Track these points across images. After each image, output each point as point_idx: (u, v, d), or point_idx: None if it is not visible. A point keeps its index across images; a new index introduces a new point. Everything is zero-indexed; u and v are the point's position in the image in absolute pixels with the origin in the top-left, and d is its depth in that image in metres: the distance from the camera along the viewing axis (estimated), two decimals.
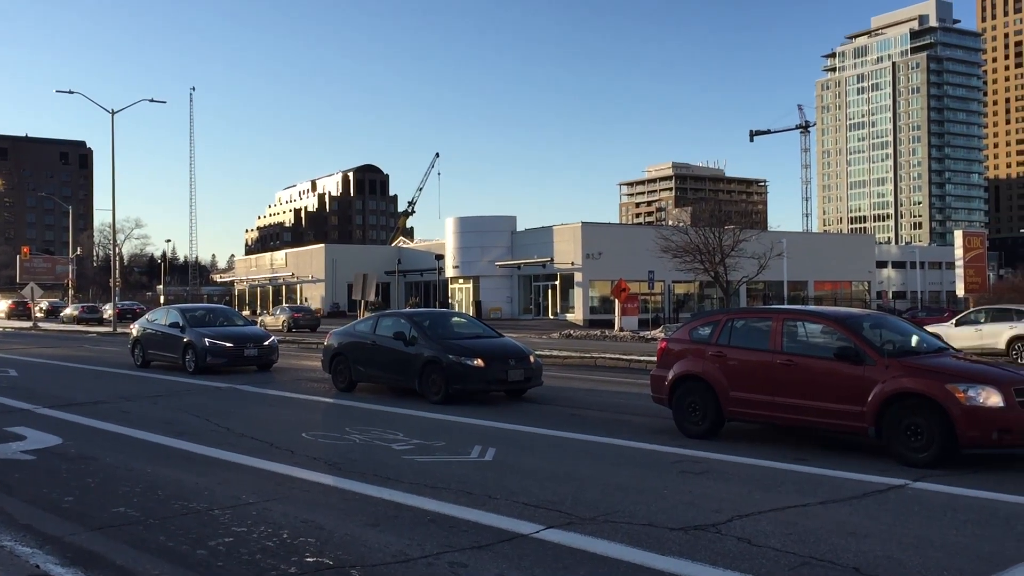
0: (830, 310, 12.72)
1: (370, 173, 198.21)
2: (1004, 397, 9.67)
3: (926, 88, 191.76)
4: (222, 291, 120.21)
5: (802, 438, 11.96)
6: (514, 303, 70.31)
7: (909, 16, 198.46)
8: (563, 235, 65.89)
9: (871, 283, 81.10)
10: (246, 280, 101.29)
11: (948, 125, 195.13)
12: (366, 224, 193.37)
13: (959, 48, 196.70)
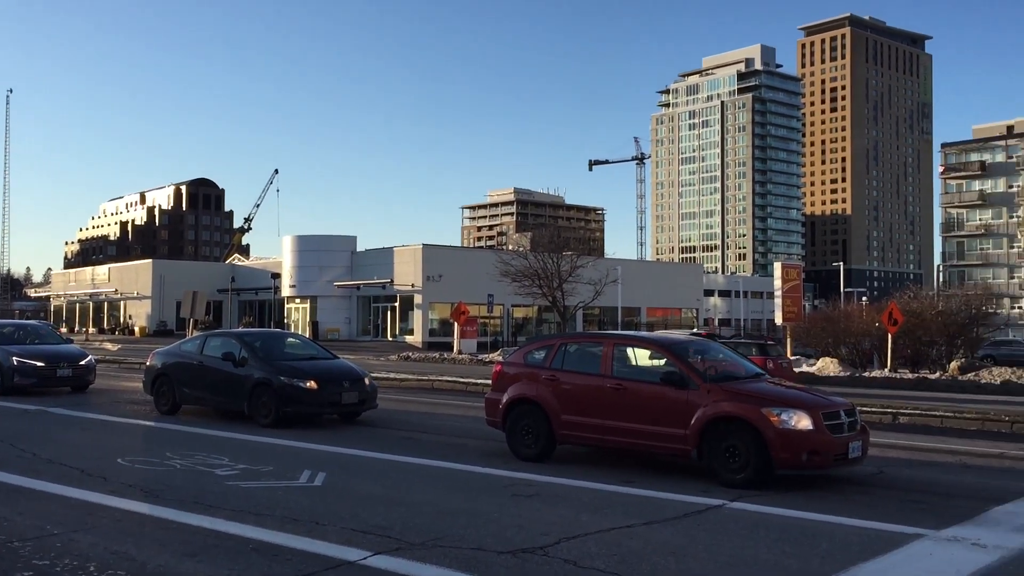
0: (658, 336, 13.18)
1: (204, 187, 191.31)
2: (813, 421, 10.26)
3: (751, 127, 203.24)
4: (36, 307, 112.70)
5: (630, 461, 12.29)
6: (353, 324, 69.32)
7: (737, 58, 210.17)
8: (404, 256, 65.62)
9: (699, 310, 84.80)
10: (64, 296, 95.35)
11: (770, 163, 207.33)
12: (199, 240, 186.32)
13: (781, 91, 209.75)
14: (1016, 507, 9.48)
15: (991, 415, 18.13)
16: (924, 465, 12.71)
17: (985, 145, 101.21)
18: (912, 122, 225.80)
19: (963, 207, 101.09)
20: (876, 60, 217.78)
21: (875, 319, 37.73)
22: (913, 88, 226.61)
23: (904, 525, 8.54)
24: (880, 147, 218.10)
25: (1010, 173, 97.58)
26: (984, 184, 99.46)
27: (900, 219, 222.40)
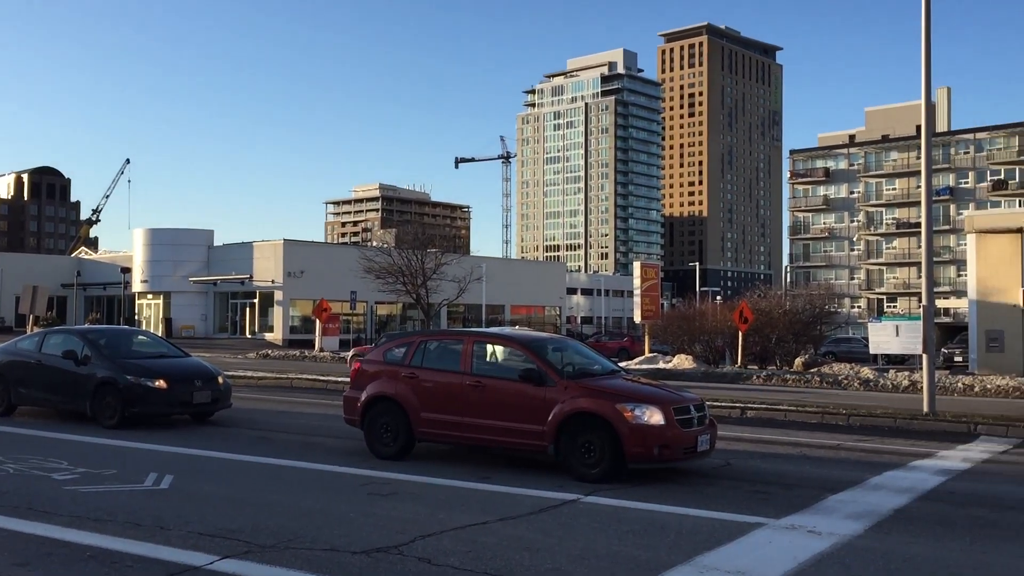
0: (517, 333, 13.30)
1: (48, 176, 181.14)
2: (665, 416, 10.57)
3: (614, 129, 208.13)
4: None
5: (489, 457, 12.34)
6: (209, 321, 67.05)
7: (600, 62, 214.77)
8: (264, 252, 63.93)
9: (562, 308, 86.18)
10: None
11: (632, 165, 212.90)
12: (41, 232, 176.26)
13: (642, 95, 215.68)
14: (849, 495, 10.03)
15: (830, 409, 19.14)
16: (768, 457, 13.29)
17: (829, 153, 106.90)
18: (764, 129, 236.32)
19: (809, 211, 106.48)
20: (731, 68, 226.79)
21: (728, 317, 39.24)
22: (765, 96, 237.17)
23: (747, 515, 8.90)
24: (734, 152, 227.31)
25: (852, 180, 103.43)
26: (828, 190, 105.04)
27: (752, 221, 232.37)
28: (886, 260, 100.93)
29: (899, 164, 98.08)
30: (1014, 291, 38.42)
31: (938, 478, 11.42)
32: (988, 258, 39.69)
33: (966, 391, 27.69)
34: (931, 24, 19.39)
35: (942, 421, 17.39)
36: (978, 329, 39.46)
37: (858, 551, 7.59)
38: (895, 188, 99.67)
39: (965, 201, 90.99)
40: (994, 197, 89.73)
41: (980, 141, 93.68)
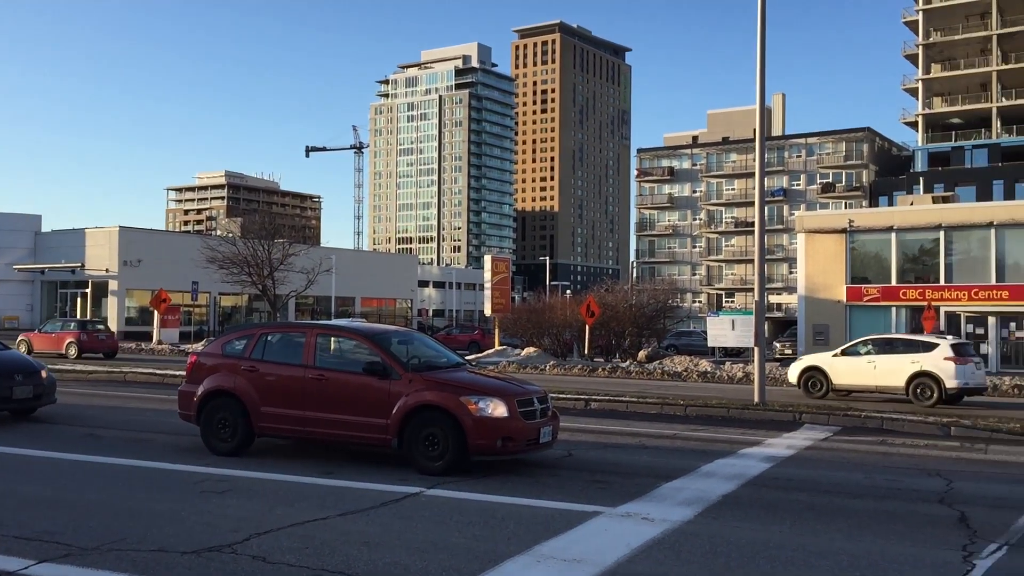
0: (362, 326, 13.14)
1: None
2: (508, 408, 10.68)
3: (467, 123, 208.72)
4: None
5: (333, 452, 12.15)
6: (36, 312, 63.09)
7: (455, 55, 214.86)
8: (97, 239, 60.65)
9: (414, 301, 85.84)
10: None
11: (485, 159, 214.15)
12: None
13: (496, 90, 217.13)
14: (682, 483, 10.42)
15: (670, 400, 19.86)
16: (609, 447, 13.65)
17: (674, 152, 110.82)
18: (614, 127, 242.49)
19: (654, 208, 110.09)
20: (583, 67, 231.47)
21: (575, 311, 40.10)
22: (615, 96, 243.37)
23: (586, 504, 9.11)
24: (585, 149, 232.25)
25: (694, 179, 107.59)
26: (673, 188, 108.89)
27: (602, 217, 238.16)
28: (725, 257, 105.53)
29: (738, 165, 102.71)
30: (839, 288, 40.98)
31: (764, 465, 12.02)
32: (816, 256, 42.16)
33: None
34: (766, 33, 20.37)
35: (771, 411, 18.34)
36: (806, 323, 41.88)
37: (688, 536, 7.89)
38: (734, 188, 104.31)
39: (797, 202, 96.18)
40: (823, 199, 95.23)
41: (811, 145, 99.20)
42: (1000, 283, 37.84)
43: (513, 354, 38.87)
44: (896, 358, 22.88)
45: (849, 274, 41.04)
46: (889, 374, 22.67)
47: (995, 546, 7.71)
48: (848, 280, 40.88)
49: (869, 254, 41.70)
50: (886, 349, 23.67)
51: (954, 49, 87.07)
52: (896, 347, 23.74)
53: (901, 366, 22.53)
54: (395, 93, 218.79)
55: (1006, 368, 36.30)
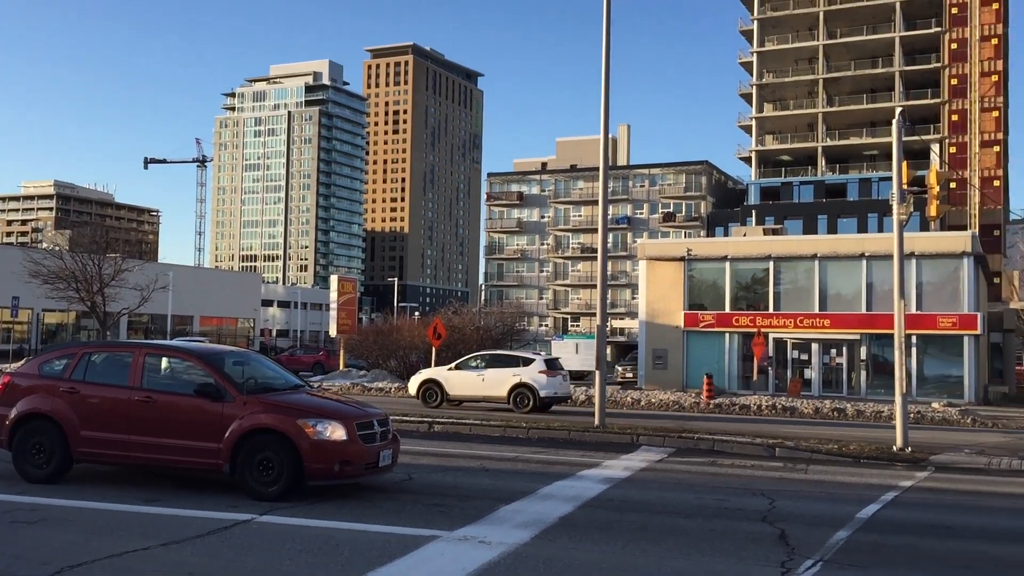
0: (194, 346, 12.62)
1: None
2: (347, 431, 10.47)
3: (317, 140, 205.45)
4: None
5: (159, 478, 11.57)
6: None
7: (305, 71, 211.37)
8: None
9: (256, 320, 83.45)
10: None
11: (335, 177, 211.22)
12: None
13: (348, 108, 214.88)
14: (521, 505, 10.48)
15: (512, 423, 20.02)
16: (451, 470, 13.59)
17: (524, 178, 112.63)
18: (465, 151, 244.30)
19: (504, 232, 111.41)
20: (435, 89, 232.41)
21: (423, 333, 39.91)
22: (467, 119, 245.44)
23: (423, 528, 9.01)
24: (436, 171, 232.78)
25: (543, 205, 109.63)
26: (522, 213, 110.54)
27: (451, 240, 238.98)
28: (572, 282, 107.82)
29: (585, 193, 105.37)
30: (677, 314, 42.54)
31: (601, 486, 12.26)
32: (657, 283, 43.66)
33: (634, 405, 30.18)
34: (610, 68, 21.03)
35: (610, 433, 18.77)
36: (646, 348, 43.23)
37: (523, 558, 7.92)
38: (581, 215, 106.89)
39: (640, 230, 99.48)
40: (664, 228, 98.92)
41: (654, 176, 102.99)
42: (823, 311, 40.21)
43: (358, 376, 38.30)
44: (501, 371, 25.95)
45: (687, 301, 42.67)
46: (495, 385, 25.77)
47: (811, 562, 8.10)
48: (686, 306, 42.49)
49: (706, 282, 43.51)
50: (493, 363, 26.72)
51: (785, 90, 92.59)
52: (501, 362, 26.91)
53: (504, 378, 25.67)
54: (242, 107, 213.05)
55: (827, 392, 38.54)
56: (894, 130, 19.38)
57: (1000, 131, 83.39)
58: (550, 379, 25.83)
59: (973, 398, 37.19)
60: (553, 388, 25.98)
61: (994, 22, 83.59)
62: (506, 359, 27.18)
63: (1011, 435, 24.02)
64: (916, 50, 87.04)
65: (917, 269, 38.53)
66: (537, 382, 25.55)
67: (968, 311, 37.86)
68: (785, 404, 29.35)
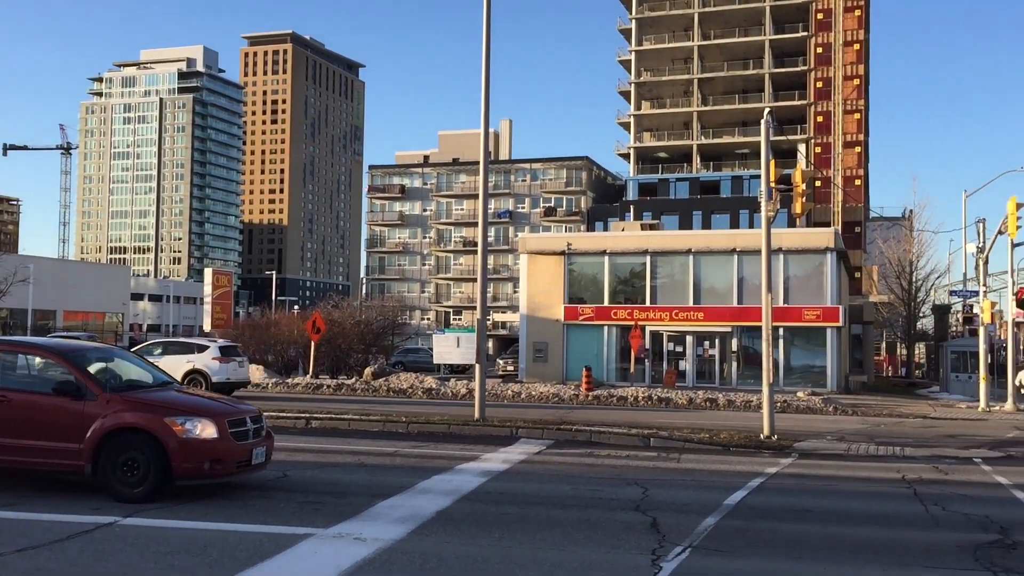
0: (53, 342, 12.03)
1: None
2: (218, 429, 10.17)
3: (191, 129, 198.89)
4: None
5: (16, 481, 10.97)
6: None
7: (178, 56, 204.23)
8: None
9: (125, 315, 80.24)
10: None
11: (210, 167, 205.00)
12: None
13: (223, 96, 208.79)
14: (398, 500, 10.41)
15: (392, 417, 19.88)
16: (327, 467, 13.39)
17: (406, 171, 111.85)
18: (346, 142, 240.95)
19: (386, 226, 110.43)
20: (316, 80, 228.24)
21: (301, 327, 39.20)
22: (348, 111, 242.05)
23: (297, 526, 8.85)
24: (317, 163, 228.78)
25: (425, 198, 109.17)
26: (404, 206, 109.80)
27: (332, 233, 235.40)
28: (454, 275, 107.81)
29: (467, 186, 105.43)
30: (558, 307, 43.11)
31: (479, 479, 12.30)
32: (538, 277, 44.13)
33: (515, 398, 30.43)
34: (491, 60, 21.08)
35: (490, 426, 18.86)
36: (527, 341, 43.66)
37: (399, 554, 7.88)
38: (463, 208, 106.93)
39: (522, 224, 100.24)
40: (546, 222, 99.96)
41: (536, 171, 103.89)
42: (697, 305, 41.47)
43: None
44: (176, 358, 27.02)
45: (567, 294, 43.28)
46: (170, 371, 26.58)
47: (680, 548, 8.35)
48: (566, 300, 43.10)
49: (586, 276, 44.24)
50: (171, 350, 28.23)
51: (662, 89, 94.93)
52: (177, 349, 28.43)
53: (179, 365, 26.49)
54: (110, 92, 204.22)
55: (701, 383, 39.79)
56: (762, 131, 20.13)
57: (861, 133, 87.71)
58: (223, 365, 27.02)
59: (835, 387, 39.04)
60: (226, 374, 27.05)
61: (856, 28, 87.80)
62: (183, 346, 28.54)
63: (869, 421, 25.34)
64: (785, 53, 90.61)
65: (784, 264, 40.16)
66: (210, 368, 26.70)
67: (831, 304, 39.70)
68: (661, 395, 30.16)
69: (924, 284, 61.02)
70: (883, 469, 14.78)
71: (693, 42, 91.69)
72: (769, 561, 8.09)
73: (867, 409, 29.80)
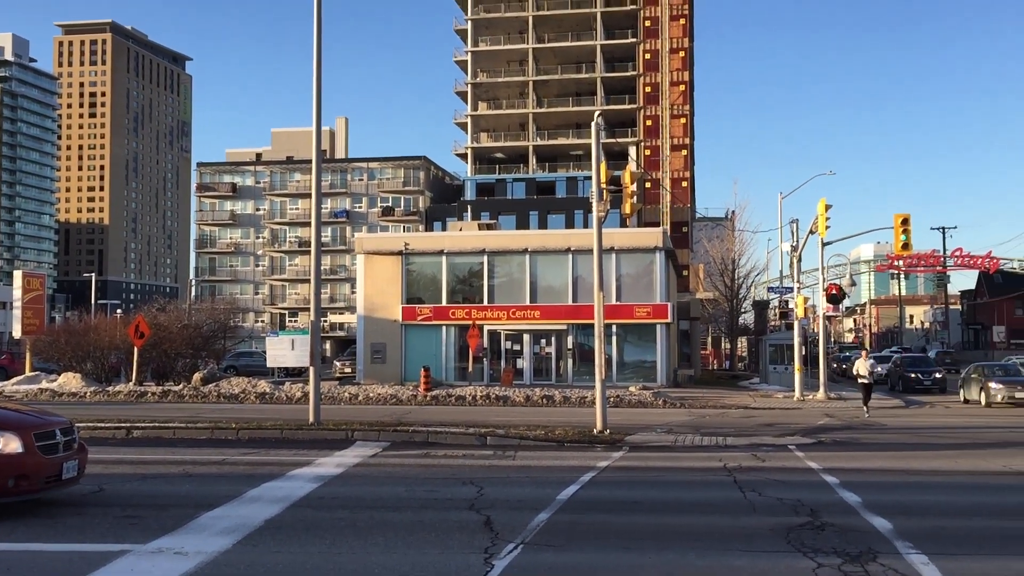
0: None
1: None
2: (23, 443, 9.48)
3: None
4: None
5: None
6: None
7: None
8: None
9: None
10: None
11: (21, 163, 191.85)
12: None
13: (35, 87, 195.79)
14: (224, 511, 10.00)
15: (222, 423, 19.14)
16: (149, 478, 12.74)
17: (237, 168, 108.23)
18: (172, 138, 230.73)
19: (216, 225, 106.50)
20: (138, 72, 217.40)
21: (124, 332, 37.21)
22: (174, 105, 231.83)
23: (113, 543, 8.35)
24: (140, 159, 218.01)
25: (258, 197, 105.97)
26: (235, 205, 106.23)
27: (159, 232, 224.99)
28: (289, 276, 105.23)
29: (302, 185, 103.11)
30: (395, 308, 42.81)
31: (312, 485, 12.00)
32: (375, 277, 43.66)
33: (352, 400, 29.98)
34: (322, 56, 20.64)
35: (325, 430, 18.47)
36: (365, 342, 43.14)
37: (223, 566, 7.56)
38: (298, 208, 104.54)
39: (360, 224, 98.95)
40: (384, 222, 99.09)
41: (373, 170, 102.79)
42: (534, 303, 42.14)
43: (48, 381, 35.02)
44: None
45: (405, 295, 43.04)
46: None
47: (512, 545, 8.40)
48: (404, 300, 42.85)
49: (424, 275, 44.10)
50: None
51: (498, 90, 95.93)
52: None
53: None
54: None
55: (538, 380, 40.45)
56: (593, 134, 20.65)
57: (687, 136, 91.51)
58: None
59: (665, 381, 40.59)
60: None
61: (681, 36, 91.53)
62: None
63: (695, 414, 26.47)
64: (616, 58, 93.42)
65: (617, 263, 41.37)
66: None
67: (661, 302, 41.22)
68: (499, 393, 30.45)
69: (745, 281, 64.43)
70: (707, 459, 15.43)
71: (528, 44, 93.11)
72: (599, 553, 8.26)
73: (694, 402, 31.12)
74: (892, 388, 40.12)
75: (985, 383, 31.18)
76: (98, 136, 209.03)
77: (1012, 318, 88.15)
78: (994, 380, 31.12)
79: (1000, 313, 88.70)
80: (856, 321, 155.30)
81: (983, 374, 32.24)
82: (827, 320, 41.36)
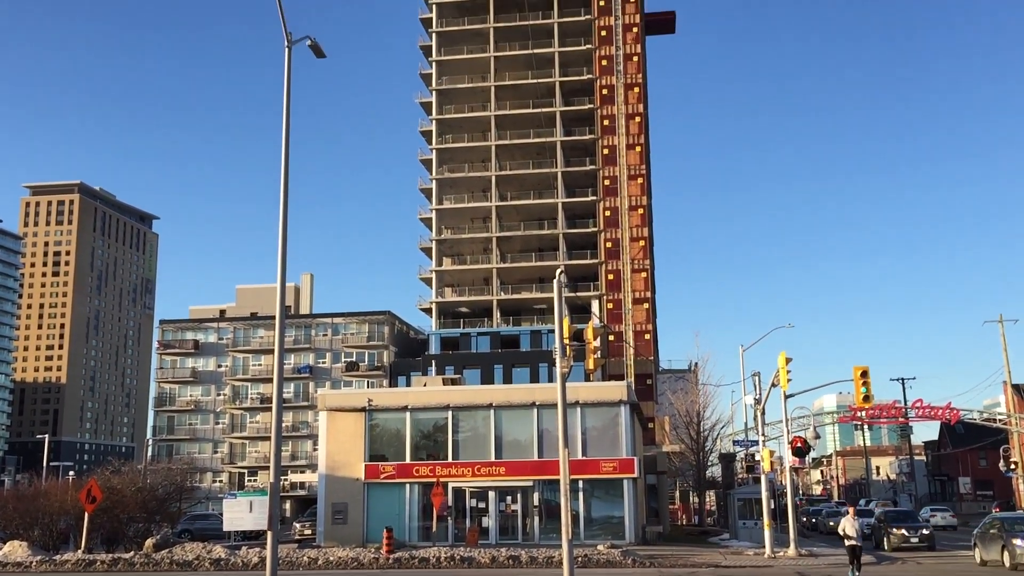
0: None
1: None
2: None
3: None
4: None
5: None
6: None
7: None
8: None
9: None
10: None
11: None
12: None
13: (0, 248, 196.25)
14: None
15: None
16: None
17: (200, 325, 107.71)
18: (136, 296, 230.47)
19: (176, 383, 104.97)
20: (105, 231, 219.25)
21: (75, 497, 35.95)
22: (140, 263, 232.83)
23: None
24: (102, 317, 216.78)
25: (221, 353, 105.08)
26: (197, 362, 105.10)
27: (117, 391, 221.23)
28: (249, 434, 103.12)
29: (265, 341, 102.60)
30: (358, 466, 41.91)
31: None
32: (337, 434, 42.91)
33: (311, 564, 28.89)
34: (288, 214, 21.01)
35: None
36: (326, 502, 41.94)
37: None
38: (261, 364, 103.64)
39: (323, 380, 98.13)
40: (348, 377, 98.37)
41: (337, 325, 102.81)
42: (499, 459, 41.49)
43: None
44: None
45: (368, 452, 42.25)
46: None
47: None
48: (367, 458, 42.02)
49: (388, 432, 43.44)
50: None
51: (462, 246, 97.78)
52: None
53: None
54: None
55: (504, 539, 39.34)
56: (555, 289, 20.96)
57: (648, 290, 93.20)
58: None
59: (633, 538, 39.67)
60: None
61: (639, 194, 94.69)
62: None
63: (665, 573, 25.79)
64: (577, 215, 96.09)
65: (582, 417, 41.14)
66: None
67: (627, 456, 40.81)
68: (463, 554, 29.54)
69: (711, 434, 64.13)
70: None
71: (491, 203, 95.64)
72: None
73: (663, 560, 30.38)
74: (877, 546, 37.70)
75: (1009, 540, 27.02)
76: (60, 295, 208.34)
77: (977, 469, 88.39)
78: (1019, 537, 26.77)
79: (964, 464, 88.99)
80: (823, 472, 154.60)
81: (1004, 528, 28.00)
82: (794, 472, 41.03)
